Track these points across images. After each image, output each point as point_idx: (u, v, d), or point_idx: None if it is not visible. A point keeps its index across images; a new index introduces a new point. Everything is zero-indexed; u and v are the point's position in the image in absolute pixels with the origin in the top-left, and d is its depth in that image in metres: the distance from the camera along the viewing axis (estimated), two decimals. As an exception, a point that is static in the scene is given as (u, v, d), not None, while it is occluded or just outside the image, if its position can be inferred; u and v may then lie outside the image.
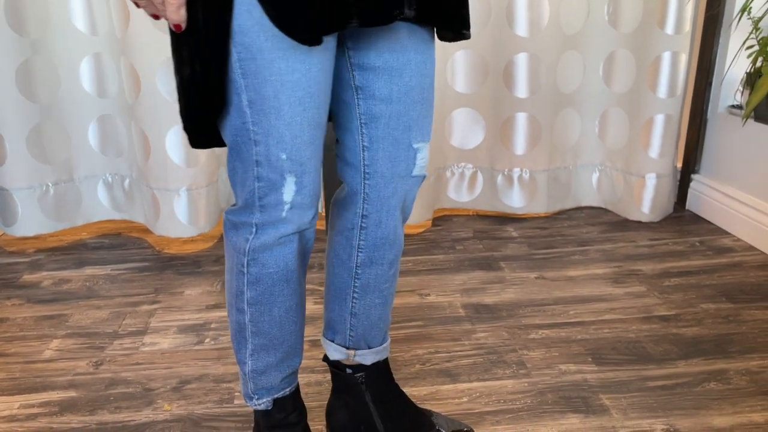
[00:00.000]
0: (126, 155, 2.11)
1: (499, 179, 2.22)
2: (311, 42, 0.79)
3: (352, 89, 0.92)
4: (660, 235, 2.09)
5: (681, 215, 2.25)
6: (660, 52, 2.02)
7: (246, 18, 0.78)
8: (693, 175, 2.28)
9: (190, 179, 1.96)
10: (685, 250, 1.98)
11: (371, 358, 1.10)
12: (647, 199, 2.17)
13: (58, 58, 1.96)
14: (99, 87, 2.02)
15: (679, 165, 2.34)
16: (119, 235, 2.18)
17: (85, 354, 1.48)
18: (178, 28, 0.80)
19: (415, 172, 0.98)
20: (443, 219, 2.28)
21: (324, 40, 0.82)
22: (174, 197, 1.97)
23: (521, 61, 2.06)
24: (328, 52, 0.84)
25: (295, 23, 0.78)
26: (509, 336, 1.51)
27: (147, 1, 0.78)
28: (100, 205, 2.17)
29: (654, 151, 2.12)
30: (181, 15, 0.78)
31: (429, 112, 0.97)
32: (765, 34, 1.98)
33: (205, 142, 0.90)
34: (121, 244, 2.11)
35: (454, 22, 0.90)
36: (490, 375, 1.37)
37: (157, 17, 0.81)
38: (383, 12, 0.81)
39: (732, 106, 2.13)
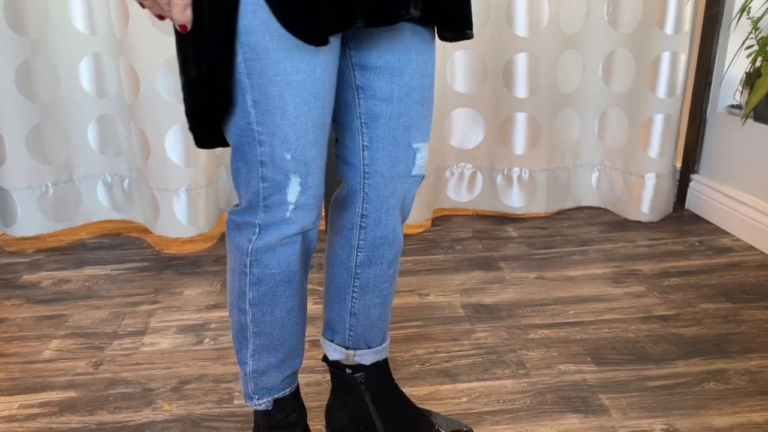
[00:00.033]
0: (125, 155, 2.11)
1: (499, 179, 2.22)
2: (318, 42, 0.79)
3: (353, 89, 0.92)
4: (659, 235, 2.09)
5: (680, 215, 2.25)
6: (659, 51, 2.02)
7: (251, 18, 0.78)
8: (692, 175, 2.28)
9: (189, 179, 1.96)
10: (685, 250, 1.98)
11: (371, 358, 1.10)
12: (647, 199, 2.17)
13: (57, 58, 1.96)
14: (98, 87, 2.02)
15: (679, 165, 2.34)
16: (119, 236, 2.18)
17: (85, 354, 1.48)
18: (183, 28, 0.79)
19: (415, 171, 0.98)
20: (443, 219, 2.28)
21: (329, 40, 0.82)
22: (173, 197, 1.97)
23: (521, 61, 2.06)
24: (332, 52, 0.84)
25: (303, 23, 0.78)
26: (509, 336, 1.51)
27: (152, 2, 0.78)
28: (99, 205, 2.17)
29: (653, 151, 2.12)
30: (187, 15, 0.78)
31: (429, 112, 0.97)
32: (764, 33, 1.98)
33: (211, 142, 0.89)
34: (121, 244, 2.11)
35: (457, 21, 0.90)
36: (489, 375, 1.37)
37: (162, 18, 0.80)
38: (389, 12, 0.81)
39: (731, 105, 2.13)
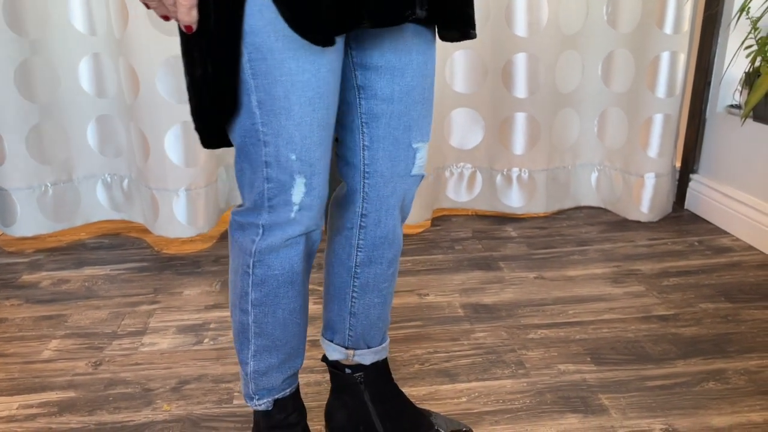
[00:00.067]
0: (125, 155, 2.11)
1: (498, 179, 2.22)
2: (325, 43, 0.78)
3: (354, 88, 0.92)
4: (659, 235, 2.09)
5: (680, 215, 2.25)
6: (659, 51, 2.03)
7: (257, 18, 0.78)
8: (692, 175, 2.28)
9: (189, 179, 1.96)
10: (684, 249, 1.98)
11: (370, 357, 1.10)
12: (646, 199, 2.17)
13: (57, 58, 1.96)
14: (98, 87, 2.02)
15: (678, 165, 2.34)
16: (118, 236, 2.18)
17: (84, 354, 1.48)
18: (188, 29, 0.79)
19: (414, 171, 0.98)
20: (442, 219, 2.28)
21: (335, 40, 0.82)
22: (173, 197, 1.97)
23: (520, 61, 2.06)
24: (337, 53, 0.83)
25: (310, 24, 0.77)
26: (508, 336, 1.51)
27: (158, 3, 0.77)
28: (99, 206, 2.17)
29: (653, 151, 2.12)
30: (193, 16, 0.78)
31: (429, 112, 0.97)
32: (763, 33, 1.98)
33: (216, 142, 0.89)
34: (120, 244, 2.11)
35: (461, 21, 0.90)
36: (488, 375, 1.37)
37: (168, 18, 0.80)
38: (395, 12, 0.81)
39: (731, 105, 2.13)
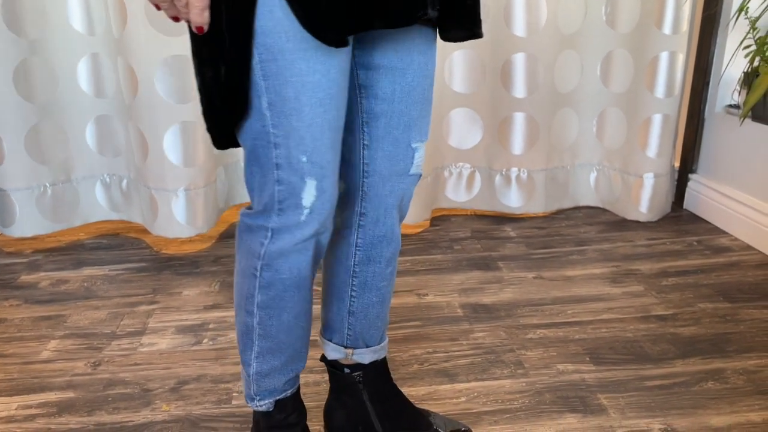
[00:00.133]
0: (124, 155, 2.11)
1: (497, 179, 2.22)
2: (338, 43, 0.78)
3: (355, 88, 0.92)
4: (658, 235, 2.09)
5: (679, 215, 2.25)
6: (657, 51, 2.03)
7: (268, 19, 0.77)
8: (690, 175, 2.28)
9: (188, 179, 1.96)
10: (683, 249, 1.98)
11: (369, 357, 1.10)
12: (645, 199, 2.17)
13: (55, 58, 1.95)
14: (97, 87, 2.02)
15: (677, 165, 2.34)
16: (117, 236, 2.18)
17: (83, 355, 1.48)
18: (200, 30, 0.78)
19: (412, 171, 0.98)
20: (441, 219, 2.28)
21: (348, 41, 0.81)
22: (172, 197, 1.97)
23: (519, 61, 2.06)
24: (346, 54, 0.83)
25: (323, 25, 0.77)
26: (507, 336, 1.51)
27: (169, 4, 0.77)
28: (97, 206, 2.17)
29: (652, 151, 2.12)
30: (205, 17, 0.77)
31: (428, 112, 0.97)
32: (762, 33, 1.98)
33: (229, 142, 0.88)
34: (119, 244, 2.11)
35: (470, 21, 0.90)
36: (487, 375, 1.37)
37: (177, 20, 0.80)
38: (408, 13, 0.81)
39: (729, 105, 2.13)
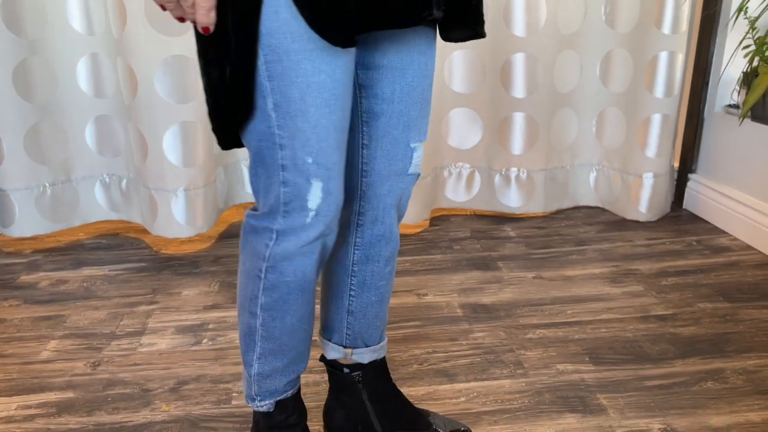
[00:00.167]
0: (123, 155, 2.11)
1: (497, 179, 2.22)
2: (345, 44, 0.78)
3: (355, 88, 0.92)
4: (657, 235, 2.09)
5: (678, 215, 2.25)
6: (657, 51, 2.03)
7: (273, 20, 0.77)
8: (690, 175, 2.28)
9: (187, 179, 1.96)
10: (683, 249, 1.98)
11: (368, 356, 1.10)
12: (644, 199, 2.17)
13: (55, 58, 1.95)
14: (96, 87, 2.02)
15: (676, 164, 2.34)
16: (117, 236, 2.18)
17: (83, 355, 1.48)
18: (206, 30, 0.78)
19: (411, 170, 0.98)
20: (441, 219, 2.28)
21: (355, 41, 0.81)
22: (171, 197, 1.97)
23: (518, 61, 2.06)
24: (350, 54, 0.83)
25: (331, 25, 0.77)
26: (507, 336, 1.51)
27: (175, 4, 0.77)
28: (97, 206, 2.17)
29: (651, 151, 2.12)
30: (211, 18, 0.77)
31: (427, 111, 0.98)
32: (761, 33, 1.98)
33: (233, 143, 0.88)
34: (119, 244, 2.11)
35: (473, 21, 0.90)
36: (487, 375, 1.37)
37: (183, 20, 0.79)
38: (413, 13, 0.80)
39: (729, 105, 2.13)
